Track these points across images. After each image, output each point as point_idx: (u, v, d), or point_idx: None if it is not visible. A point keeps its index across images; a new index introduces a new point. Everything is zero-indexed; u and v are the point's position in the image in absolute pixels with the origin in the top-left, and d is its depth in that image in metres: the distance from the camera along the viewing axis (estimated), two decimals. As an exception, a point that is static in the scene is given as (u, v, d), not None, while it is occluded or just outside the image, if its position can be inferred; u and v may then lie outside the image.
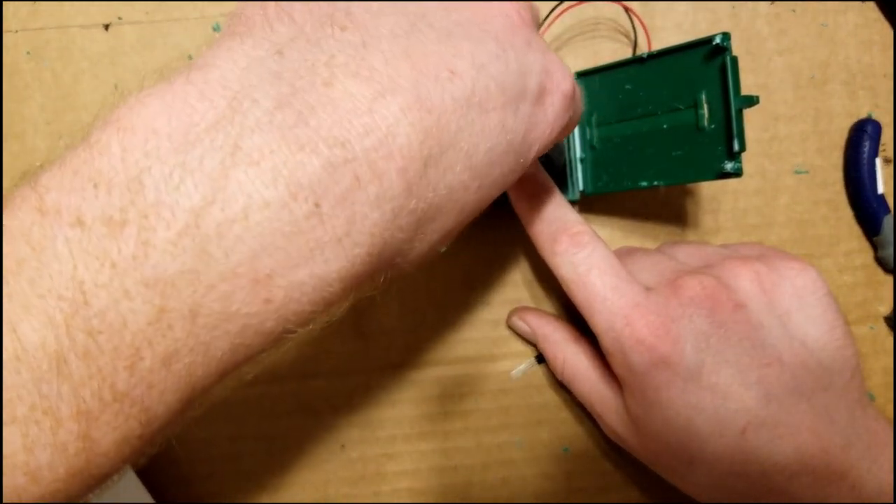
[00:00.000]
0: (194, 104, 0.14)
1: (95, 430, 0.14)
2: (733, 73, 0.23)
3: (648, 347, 0.24)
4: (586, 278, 0.25)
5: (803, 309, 0.25)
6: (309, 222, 0.14)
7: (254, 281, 0.14)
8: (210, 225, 0.14)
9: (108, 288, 0.13)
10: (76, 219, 0.13)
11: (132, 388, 0.14)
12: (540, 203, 0.27)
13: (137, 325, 0.13)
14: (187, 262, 0.14)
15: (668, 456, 0.26)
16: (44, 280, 0.13)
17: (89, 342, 0.13)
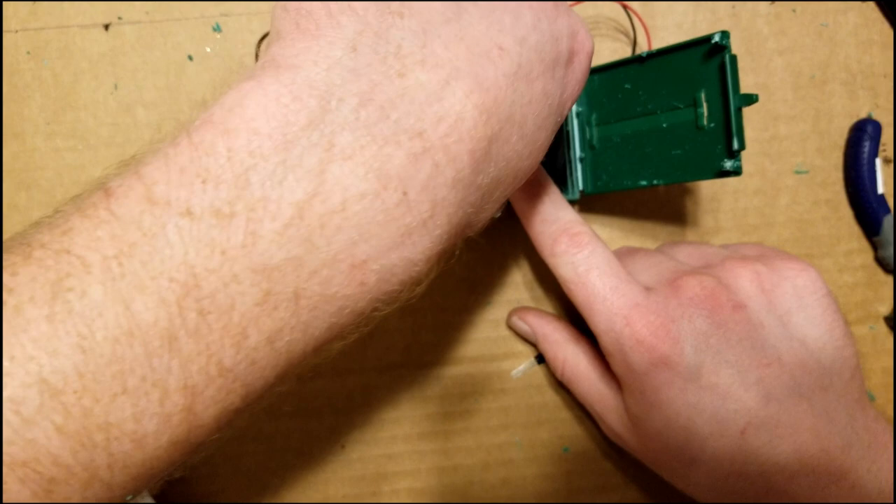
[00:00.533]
0: (288, 104, 0.16)
1: (199, 404, 0.15)
2: (732, 71, 0.23)
3: (648, 348, 0.24)
4: (586, 279, 0.25)
5: (803, 309, 0.25)
6: (399, 209, 0.16)
7: (351, 266, 0.15)
8: (313, 217, 0.15)
9: (219, 273, 0.14)
10: (186, 209, 0.14)
11: (237, 365, 0.15)
12: (540, 203, 0.27)
13: (245, 306, 0.15)
14: (292, 250, 0.15)
15: (668, 456, 0.26)
16: (155, 263, 0.14)
17: (199, 321, 0.14)
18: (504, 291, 0.32)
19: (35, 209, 0.31)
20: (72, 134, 0.32)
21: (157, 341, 0.14)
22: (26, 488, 0.13)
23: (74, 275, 0.14)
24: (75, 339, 0.14)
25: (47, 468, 0.14)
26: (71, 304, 0.14)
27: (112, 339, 0.14)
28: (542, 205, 0.27)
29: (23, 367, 0.13)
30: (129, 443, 0.14)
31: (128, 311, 0.14)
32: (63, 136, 0.32)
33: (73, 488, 0.14)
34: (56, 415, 0.13)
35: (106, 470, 0.14)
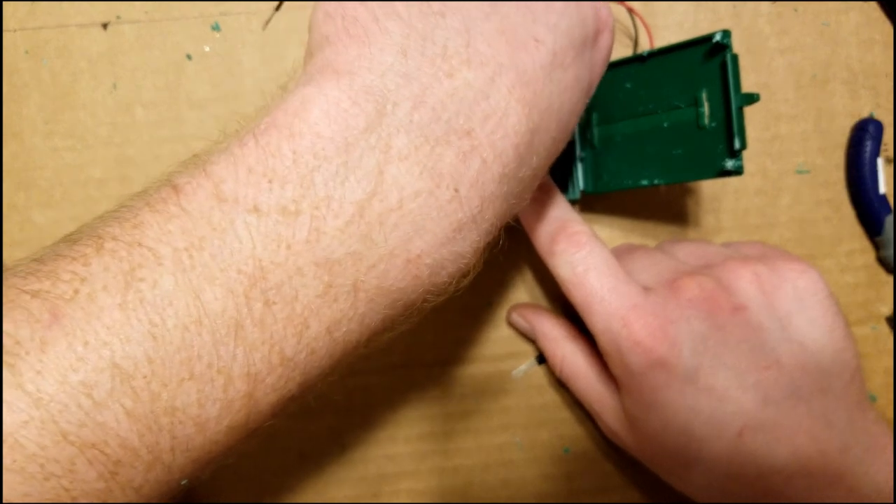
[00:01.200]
0: (348, 109, 0.16)
1: (259, 391, 0.15)
2: (734, 70, 0.23)
3: (645, 349, 0.24)
4: (584, 279, 0.25)
5: (804, 311, 0.25)
6: (451, 206, 0.17)
7: (406, 261, 0.16)
8: (372, 214, 0.16)
9: (284, 266, 0.15)
10: (253, 207, 0.15)
11: (297, 354, 0.16)
12: (539, 202, 0.27)
13: (307, 298, 0.15)
14: (353, 245, 0.16)
15: (666, 457, 0.26)
16: (224, 255, 0.15)
17: (265, 311, 0.15)
18: (504, 291, 0.32)
19: (34, 209, 0.31)
20: (70, 133, 0.31)
21: (223, 329, 0.15)
22: (93, 469, 0.14)
23: (146, 266, 0.15)
24: (147, 327, 0.14)
25: (115, 450, 0.14)
26: (143, 294, 0.14)
27: (182, 326, 0.15)
28: (541, 204, 0.27)
29: (96, 352, 0.14)
30: (192, 426, 0.15)
31: (197, 301, 0.15)
32: (62, 136, 0.31)
33: (137, 470, 0.15)
34: (126, 398, 0.14)
35: (168, 453, 0.15)
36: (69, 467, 0.14)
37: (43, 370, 0.14)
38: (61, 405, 0.14)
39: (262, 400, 0.16)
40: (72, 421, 0.14)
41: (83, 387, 0.14)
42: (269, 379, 0.15)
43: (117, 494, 0.15)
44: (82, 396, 0.14)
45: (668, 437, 0.25)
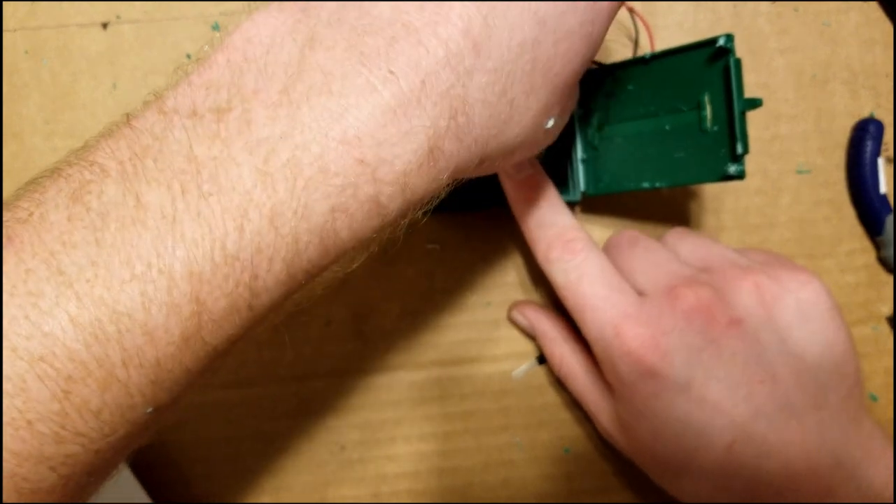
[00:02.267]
0: (276, 16, 0.17)
1: (206, 293, 0.15)
2: (736, 75, 0.23)
3: (636, 359, 0.24)
4: (577, 286, 0.25)
5: (804, 324, 0.24)
6: (386, 85, 0.16)
7: (342, 141, 0.16)
8: (298, 97, 0.16)
9: (218, 158, 0.15)
10: (191, 112, 0.16)
11: (241, 251, 0.15)
12: (536, 207, 0.27)
13: (244, 186, 0.15)
14: (281, 128, 0.15)
15: (656, 463, 0.26)
16: (164, 158, 0.15)
17: (201, 204, 0.15)
18: (504, 292, 0.32)
19: (33, 209, 0.31)
20: (70, 133, 0.31)
21: (162, 227, 0.15)
22: (45, 387, 0.14)
23: (94, 180, 0.15)
24: (90, 233, 0.15)
25: (63, 364, 0.14)
26: (90, 204, 0.15)
27: (122, 227, 0.15)
28: (539, 208, 0.27)
29: (44, 262, 0.14)
30: (140, 335, 0.14)
31: (137, 202, 0.15)
32: (61, 136, 0.31)
33: (91, 389, 0.14)
34: (70, 304, 0.14)
35: (121, 368, 0.15)
36: (20, 385, 0.14)
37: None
38: (10, 317, 0.14)
39: (213, 305, 0.15)
40: (20, 333, 0.14)
41: (30, 296, 0.14)
42: (216, 279, 0.15)
43: (74, 418, 0.14)
44: (29, 307, 0.14)
45: (658, 445, 0.25)
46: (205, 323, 0.15)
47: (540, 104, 0.19)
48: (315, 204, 0.16)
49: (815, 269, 0.32)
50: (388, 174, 0.16)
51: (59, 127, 0.31)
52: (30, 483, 0.15)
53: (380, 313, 0.32)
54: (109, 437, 0.15)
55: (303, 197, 0.15)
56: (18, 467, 0.14)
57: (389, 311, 0.32)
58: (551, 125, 0.21)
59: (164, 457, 0.32)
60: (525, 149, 0.21)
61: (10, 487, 0.14)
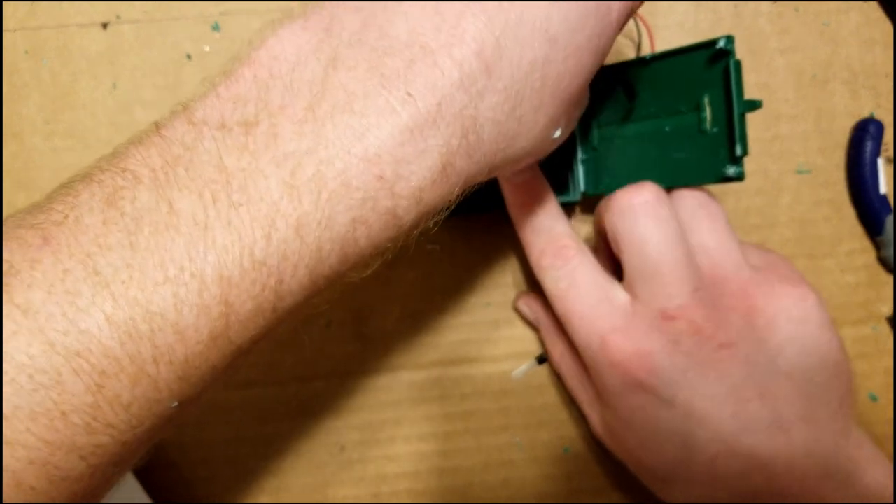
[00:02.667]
0: (300, 34, 0.18)
1: (234, 296, 0.16)
2: (736, 77, 0.23)
3: (622, 372, 0.24)
4: (567, 295, 0.25)
5: (795, 342, 0.24)
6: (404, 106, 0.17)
7: (363, 158, 0.16)
8: (323, 114, 0.17)
9: (247, 170, 0.16)
10: (220, 124, 0.17)
11: (268, 257, 0.16)
12: (532, 211, 0.27)
13: (272, 197, 0.16)
14: (307, 143, 0.16)
15: (644, 470, 0.26)
16: (195, 167, 0.16)
17: (231, 213, 0.16)
18: (503, 293, 0.32)
19: (33, 209, 0.31)
20: (70, 133, 0.31)
21: (195, 233, 0.15)
22: (80, 381, 0.15)
23: (127, 187, 0.16)
24: (125, 236, 0.15)
25: (98, 359, 0.15)
26: (123, 208, 0.16)
27: (156, 233, 0.15)
28: (535, 213, 0.27)
29: (81, 263, 0.15)
30: (171, 334, 0.15)
31: (170, 209, 0.16)
32: (61, 136, 0.31)
33: (123, 384, 0.15)
34: (106, 304, 0.15)
35: (152, 364, 0.15)
36: (56, 378, 0.15)
37: (32, 284, 0.15)
38: (48, 314, 0.15)
39: (240, 308, 0.16)
40: (57, 329, 0.15)
41: (67, 295, 0.15)
42: (244, 283, 0.16)
43: (106, 411, 0.15)
44: (66, 304, 0.15)
45: (644, 453, 0.25)
46: (232, 324, 0.16)
47: (548, 118, 0.20)
48: (338, 216, 0.16)
49: (815, 268, 0.32)
50: (404, 189, 0.17)
51: (59, 127, 0.31)
52: (60, 471, 0.15)
53: (380, 314, 0.32)
54: (137, 429, 0.16)
55: (327, 209, 0.16)
56: (51, 456, 0.15)
57: (390, 313, 0.32)
58: (558, 135, 0.21)
59: (165, 458, 0.32)
60: (531, 157, 0.21)
61: (42, 475, 0.15)
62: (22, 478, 0.15)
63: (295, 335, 0.32)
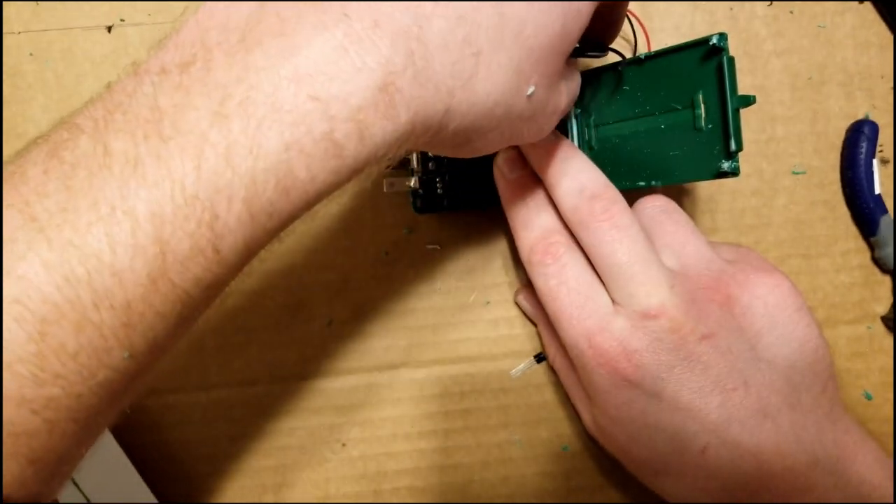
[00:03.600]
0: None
1: (169, 234, 0.15)
2: (730, 73, 0.23)
3: (609, 370, 0.24)
4: (556, 293, 0.25)
5: (774, 329, 0.25)
6: (337, 25, 0.16)
7: (294, 80, 0.16)
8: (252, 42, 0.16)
9: (178, 105, 0.16)
10: (160, 69, 0.17)
11: (200, 190, 0.15)
12: (523, 206, 0.27)
13: (200, 128, 0.16)
14: (239, 72, 0.16)
15: (636, 464, 0.27)
16: (132, 110, 0.16)
17: (161, 148, 0.15)
18: (503, 291, 0.32)
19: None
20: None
21: (126, 170, 0.15)
22: (21, 329, 0.15)
23: (71, 138, 0.16)
24: (61, 182, 0.15)
25: (38, 306, 0.15)
26: (62, 156, 0.16)
27: (89, 174, 0.15)
28: (527, 210, 0.27)
29: (19, 211, 0.15)
30: (109, 276, 0.15)
31: (105, 150, 0.16)
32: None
33: (66, 331, 0.15)
34: (42, 248, 0.15)
35: (93, 309, 0.15)
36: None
37: None
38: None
39: (176, 246, 0.15)
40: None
41: (9, 243, 0.15)
42: (176, 220, 0.15)
43: (52, 360, 0.15)
44: (5, 253, 0.15)
45: (634, 448, 0.26)
46: (170, 264, 0.16)
47: (511, 62, 0.19)
48: (269, 141, 0.16)
49: (810, 268, 0.32)
50: (341, 110, 0.16)
51: (64, 128, 0.32)
52: (13, 426, 0.15)
53: (381, 312, 0.32)
54: (89, 381, 0.16)
55: (257, 135, 0.16)
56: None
57: (390, 311, 0.32)
58: (531, 93, 0.20)
59: (168, 455, 0.32)
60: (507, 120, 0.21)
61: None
62: None
63: (296, 333, 0.32)
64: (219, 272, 0.17)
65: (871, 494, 0.24)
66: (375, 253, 0.32)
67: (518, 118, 0.21)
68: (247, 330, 0.32)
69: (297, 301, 0.32)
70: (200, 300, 0.17)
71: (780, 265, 0.32)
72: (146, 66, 0.17)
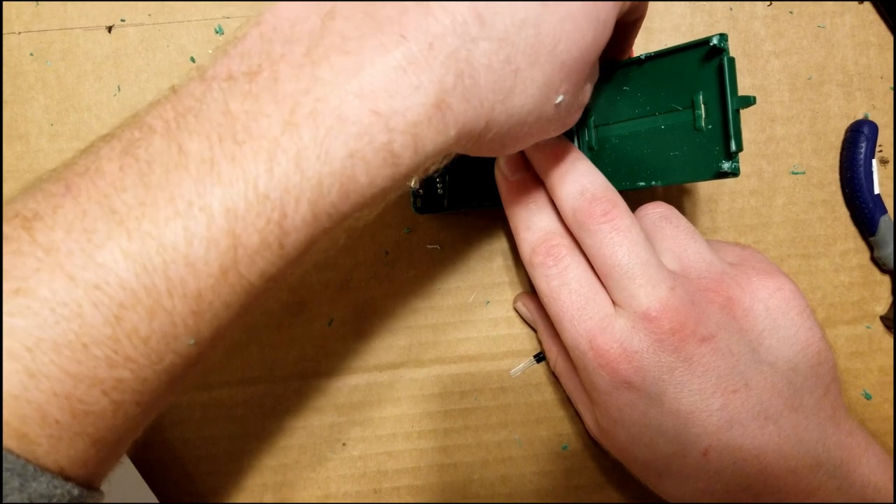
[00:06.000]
0: (298, 11, 0.19)
1: (241, 229, 0.17)
2: (730, 73, 0.23)
3: (610, 371, 0.24)
4: (557, 295, 0.25)
5: (776, 331, 0.25)
6: (398, 46, 0.18)
7: (358, 95, 0.17)
8: (319, 56, 0.18)
9: (250, 112, 0.17)
10: (227, 76, 0.18)
11: (271, 190, 0.17)
12: (526, 209, 0.27)
13: (272, 134, 0.17)
14: (307, 84, 0.17)
15: (638, 466, 0.27)
16: (204, 113, 0.17)
17: (235, 149, 0.17)
18: (502, 291, 0.32)
19: (39, 209, 0.31)
20: (75, 135, 0.32)
21: (203, 169, 0.16)
22: (98, 313, 0.16)
23: (143, 137, 0.17)
24: (138, 178, 0.16)
25: (115, 291, 0.16)
26: (137, 154, 0.17)
27: (166, 172, 0.16)
28: (527, 210, 0.27)
29: (97, 203, 0.16)
30: (183, 266, 0.16)
31: (180, 150, 0.17)
32: (66, 138, 0.32)
33: (140, 316, 0.16)
34: (121, 238, 0.16)
35: (167, 297, 0.16)
36: (76, 310, 0.15)
37: (54, 226, 0.16)
38: (67, 250, 0.16)
39: (247, 240, 0.17)
40: (76, 264, 0.16)
41: (85, 233, 0.16)
42: (248, 216, 0.17)
43: (125, 344, 0.16)
44: (85, 241, 0.16)
45: (636, 449, 0.26)
46: (240, 257, 0.17)
47: (545, 77, 0.20)
48: (335, 150, 0.17)
49: (809, 268, 0.32)
50: (399, 124, 0.18)
51: (65, 129, 0.32)
52: (84, 405, 0.16)
53: (381, 312, 0.32)
54: (157, 366, 0.17)
55: (325, 143, 0.17)
56: (74, 388, 0.16)
57: (390, 311, 0.32)
58: (560, 101, 0.21)
59: (169, 455, 0.32)
60: (538, 125, 0.22)
61: (65, 408, 0.16)
62: (46, 410, 0.16)
63: (297, 332, 0.32)
64: (281, 266, 0.18)
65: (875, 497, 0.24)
66: (376, 253, 0.32)
67: (547, 122, 0.22)
68: (247, 330, 0.32)
69: (298, 301, 0.32)
70: (262, 291, 0.18)
71: (780, 265, 0.32)
72: (213, 73, 0.18)
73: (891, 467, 0.25)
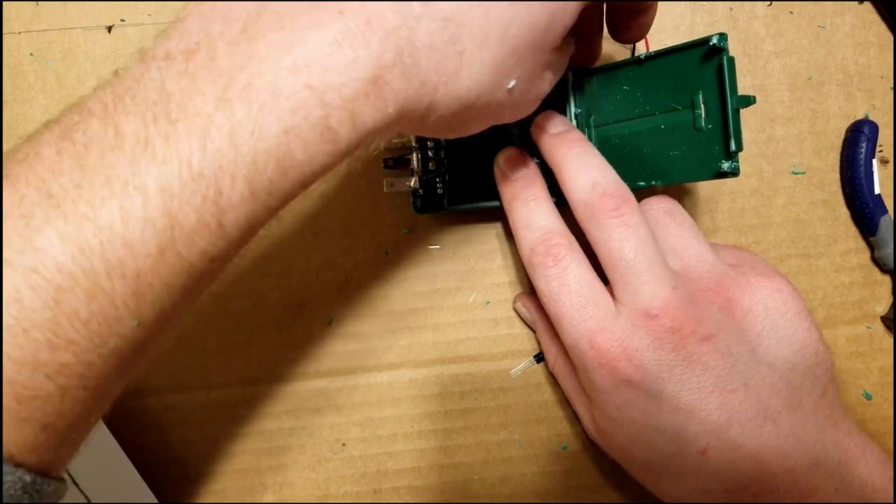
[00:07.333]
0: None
1: (176, 208, 0.16)
2: (730, 73, 0.23)
3: (610, 370, 0.24)
4: (557, 294, 0.25)
5: (774, 332, 0.25)
6: (333, 20, 0.17)
7: (293, 70, 0.17)
8: (254, 34, 0.17)
9: (185, 90, 0.17)
10: (165, 55, 0.18)
11: (205, 168, 0.17)
12: (525, 206, 0.27)
13: (206, 111, 0.17)
14: (241, 61, 0.17)
15: (636, 466, 0.27)
16: (140, 94, 0.17)
17: (169, 129, 0.16)
18: (502, 292, 0.32)
19: (39, 209, 0.31)
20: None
21: (137, 149, 0.16)
22: (37, 296, 0.16)
23: (82, 120, 0.17)
24: (75, 161, 0.16)
25: (53, 274, 0.16)
26: (74, 137, 0.17)
27: (102, 154, 0.16)
28: (527, 208, 0.27)
29: (35, 188, 0.16)
30: (121, 247, 0.16)
31: (116, 131, 0.17)
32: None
33: (79, 298, 0.16)
34: (58, 222, 0.16)
35: (105, 278, 0.16)
36: (15, 295, 0.16)
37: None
38: (6, 237, 0.16)
39: (183, 219, 0.17)
40: (14, 248, 0.16)
41: (23, 218, 0.16)
42: (183, 195, 0.16)
43: (65, 326, 0.16)
44: (22, 226, 0.16)
45: (634, 449, 0.26)
46: (178, 236, 0.17)
47: (494, 60, 0.20)
48: (269, 126, 0.17)
49: (809, 268, 0.32)
50: (335, 99, 0.17)
51: (64, 128, 0.32)
52: (28, 390, 0.16)
53: (381, 312, 0.32)
54: (100, 349, 0.17)
55: (258, 119, 0.17)
56: (17, 374, 0.16)
57: (390, 311, 0.32)
58: (512, 86, 0.21)
59: (169, 455, 0.32)
60: (488, 109, 0.21)
61: (9, 394, 0.16)
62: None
63: (296, 333, 0.32)
64: (222, 246, 0.18)
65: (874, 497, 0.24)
66: (376, 253, 0.32)
67: (499, 107, 0.22)
68: (247, 330, 0.32)
69: (298, 301, 0.32)
70: (205, 272, 0.18)
71: (780, 265, 0.32)
72: (152, 53, 0.18)
73: (889, 467, 0.25)
